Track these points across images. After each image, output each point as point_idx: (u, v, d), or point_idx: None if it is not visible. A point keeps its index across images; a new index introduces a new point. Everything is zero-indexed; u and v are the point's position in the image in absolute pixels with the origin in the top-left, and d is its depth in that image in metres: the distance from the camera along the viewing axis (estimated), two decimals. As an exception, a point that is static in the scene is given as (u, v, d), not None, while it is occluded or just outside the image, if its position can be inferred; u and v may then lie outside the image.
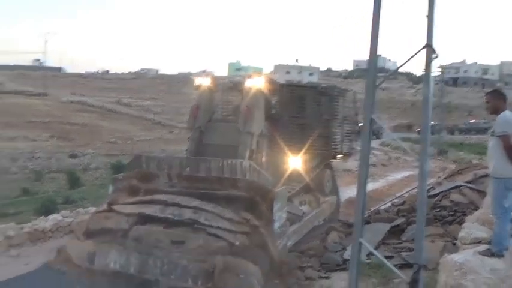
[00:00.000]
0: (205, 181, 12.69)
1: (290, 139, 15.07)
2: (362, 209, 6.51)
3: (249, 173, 12.44)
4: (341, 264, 12.54)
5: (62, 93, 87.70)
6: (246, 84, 14.60)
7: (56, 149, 52.69)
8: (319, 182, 16.55)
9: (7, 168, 45.37)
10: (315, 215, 15.40)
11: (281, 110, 15.76)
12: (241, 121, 13.85)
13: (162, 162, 13.66)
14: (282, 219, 12.34)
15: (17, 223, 15.37)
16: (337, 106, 16.84)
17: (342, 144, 17.20)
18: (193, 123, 15.05)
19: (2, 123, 60.94)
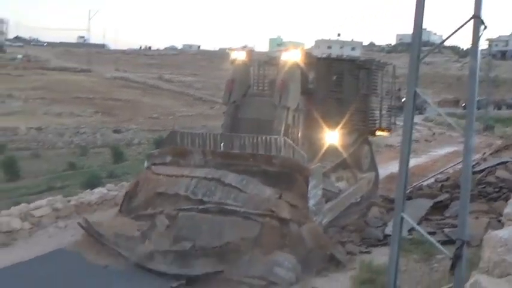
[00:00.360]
0: (240, 158, 12.62)
1: (327, 114, 14.72)
2: (404, 183, 6.42)
3: (283, 149, 12.28)
4: (382, 239, 12.50)
5: (105, 70, 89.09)
6: (281, 57, 14.32)
7: (100, 125, 53.79)
8: (357, 158, 16.16)
9: (54, 143, 46.73)
10: (351, 192, 15.07)
11: (318, 84, 15.39)
12: (276, 95, 13.62)
13: (196, 138, 13.61)
14: (317, 196, 12.21)
15: (64, 196, 15.84)
16: (376, 80, 16.35)
17: (381, 120, 16.69)
18: (228, 98, 14.85)
19: (49, 99, 62.53)
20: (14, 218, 13.22)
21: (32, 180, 31.71)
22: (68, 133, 49.52)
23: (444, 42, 7.89)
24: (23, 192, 27.37)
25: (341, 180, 15.05)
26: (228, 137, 13.24)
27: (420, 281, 9.97)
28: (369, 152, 17.28)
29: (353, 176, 15.76)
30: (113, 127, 53.38)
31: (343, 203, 14.35)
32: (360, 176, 16.05)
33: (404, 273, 10.27)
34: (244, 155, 12.56)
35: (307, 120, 14.68)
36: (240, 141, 12.75)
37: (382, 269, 10.11)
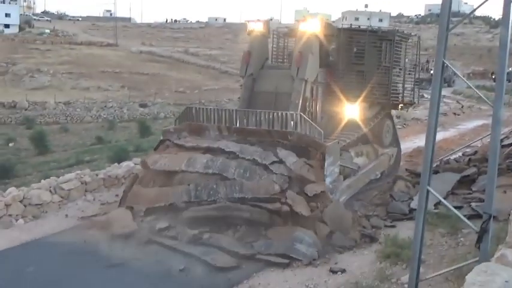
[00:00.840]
0: (255, 134, 12.55)
1: (347, 87, 14.45)
2: (430, 157, 6.37)
3: (300, 125, 12.12)
4: (407, 213, 12.49)
5: (131, 44, 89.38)
6: (300, 28, 13.92)
7: (126, 99, 54.16)
8: (378, 132, 15.71)
9: (82, 117, 47.29)
10: (371, 168, 14.74)
11: (338, 56, 15.00)
12: (293, 67, 13.38)
13: (211, 114, 13.50)
14: (335, 174, 12.10)
15: (92, 170, 16.11)
16: (399, 52, 15.72)
17: (404, 93, 16.11)
18: (245, 71, 14.58)
19: (77, 74, 63.13)
20: (44, 191, 13.54)
21: (61, 154, 32.20)
22: (95, 107, 50.03)
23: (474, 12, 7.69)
24: (52, 166, 27.84)
25: (361, 155, 14.69)
26: (243, 113, 13.07)
27: (445, 255, 9.94)
28: (391, 126, 16.74)
29: (373, 151, 15.39)
30: (139, 101, 53.73)
31: (363, 179, 14.08)
32: (381, 151, 15.65)
33: (429, 248, 10.25)
34: (260, 131, 12.47)
35: (326, 93, 14.46)
36: (255, 117, 12.61)
37: (407, 243, 10.10)
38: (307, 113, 13.35)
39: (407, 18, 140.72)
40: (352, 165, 13.54)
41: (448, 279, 8.60)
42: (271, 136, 12.35)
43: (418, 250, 6.55)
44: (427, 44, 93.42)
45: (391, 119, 16.87)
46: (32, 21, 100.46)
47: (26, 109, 47.57)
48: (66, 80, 60.75)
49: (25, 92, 52.49)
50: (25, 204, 13.13)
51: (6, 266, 10.34)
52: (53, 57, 70.50)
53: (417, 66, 17.08)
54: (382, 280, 9.41)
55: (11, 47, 72.88)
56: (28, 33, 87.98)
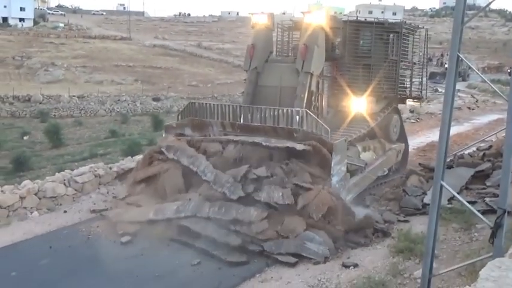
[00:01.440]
0: (260, 130, 12.25)
1: (354, 81, 14.18)
2: (444, 151, 6.32)
3: (305, 122, 11.81)
4: (421, 208, 12.44)
5: (145, 37, 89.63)
6: (305, 20, 13.52)
7: (140, 93, 54.29)
8: (385, 127, 15.36)
9: (96, 110, 47.52)
10: (379, 164, 14.41)
11: (344, 49, 14.57)
12: (299, 60, 13.11)
13: (215, 110, 13.22)
14: (341, 173, 11.77)
15: (106, 163, 16.21)
16: (407, 45, 15.38)
17: (412, 87, 15.76)
18: (249, 64, 14.38)
19: (90, 68, 63.39)
20: (59, 184, 13.67)
21: (75, 147, 32.41)
22: (109, 101, 50.20)
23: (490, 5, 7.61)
24: (67, 159, 28.05)
25: (368, 150, 14.35)
26: (247, 109, 12.72)
27: (459, 250, 9.90)
28: (398, 121, 16.28)
29: (381, 146, 15.03)
30: (153, 95, 53.84)
31: (370, 177, 13.79)
32: (388, 146, 15.28)
33: (442, 243, 10.20)
34: (264, 127, 12.17)
35: (332, 87, 14.20)
36: (260, 114, 12.33)
37: (420, 238, 10.07)
38: (313, 107, 13.16)
39: (422, 12, 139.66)
40: (359, 163, 13.21)
41: (461, 274, 8.57)
42: (276, 133, 12.05)
43: (432, 245, 6.52)
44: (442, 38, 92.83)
45: (398, 113, 16.45)
46: (46, 15, 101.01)
47: (40, 102, 47.83)
48: (80, 74, 61.00)
49: (39, 86, 52.79)
50: (40, 197, 13.28)
51: (21, 258, 10.45)
52: (67, 51, 70.82)
53: (426, 60, 16.63)
54: (395, 275, 9.39)
55: (25, 41, 73.35)
56: (42, 27, 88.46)
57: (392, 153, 15.37)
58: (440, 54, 70.65)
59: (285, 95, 13.15)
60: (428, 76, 16.65)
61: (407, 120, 27.96)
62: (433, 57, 70.59)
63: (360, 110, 13.95)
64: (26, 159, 26.86)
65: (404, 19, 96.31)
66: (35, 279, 9.72)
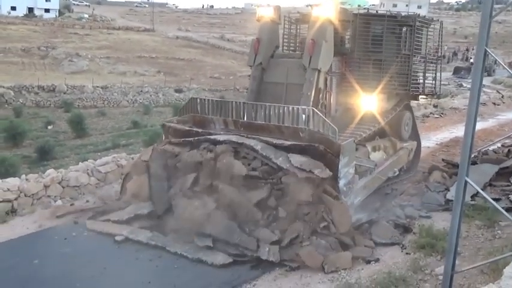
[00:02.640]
0: (264, 129, 11.48)
1: (364, 77, 13.30)
2: (469, 147, 6.23)
3: (312, 121, 10.97)
4: (443, 204, 12.29)
5: (168, 29, 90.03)
6: (313, 13, 12.53)
7: (162, 84, 54.60)
8: (397, 125, 14.46)
9: (119, 101, 47.98)
10: (389, 165, 13.52)
11: (354, 43, 13.63)
12: (306, 56, 12.17)
13: (217, 106, 12.45)
14: (349, 175, 10.96)
15: (128, 153, 16.32)
16: (420, 39, 14.23)
17: (425, 83, 14.79)
18: (253, 60, 13.36)
19: (114, 58, 63.95)
20: (82, 173, 13.80)
21: (97, 138, 32.78)
22: (131, 92, 50.61)
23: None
24: (89, 149, 28.41)
25: (378, 150, 13.56)
26: (251, 106, 11.96)
27: (481, 248, 9.77)
28: (410, 119, 15.35)
29: (392, 145, 14.14)
30: (175, 86, 54.13)
31: (379, 178, 12.93)
32: (399, 145, 14.41)
33: (465, 239, 10.10)
34: (269, 126, 11.45)
35: (341, 84, 13.36)
36: (264, 111, 11.57)
37: (442, 234, 9.98)
38: (320, 105, 12.38)
39: (448, 5, 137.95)
40: (368, 164, 12.30)
41: (483, 272, 8.48)
42: (281, 132, 11.27)
43: (455, 241, 6.45)
44: (467, 32, 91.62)
45: (410, 110, 15.51)
46: (71, 6, 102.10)
47: (64, 93, 48.37)
48: (104, 65, 61.58)
49: (64, 76, 53.39)
50: (63, 186, 13.42)
51: (44, 246, 10.58)
52: (91, 42, 71.51)
53: (440, 54, 15.77)
54: (416, 271, 9.32)
55: (50, 32, 74.20)
56: (67, 18, 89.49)
57: (404, 153, 14.57)
58: (466, 48, 69.64)
59: (291, 93, 12.41)
60: (453, 71, 16.19)
61: (430, 115, 27.66)
62: (458, 51, 69.66)
63: (370, 108, 13.17)
64: (50, 149, 27.27)
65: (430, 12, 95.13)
66: (56, 267, 9.82)
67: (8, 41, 65.16)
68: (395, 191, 14.14)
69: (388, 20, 13.60)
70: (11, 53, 61.17)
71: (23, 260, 9.94)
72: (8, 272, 9.51)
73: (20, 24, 76.38)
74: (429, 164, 15.81)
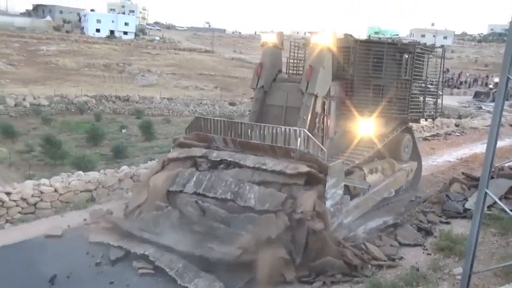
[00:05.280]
0: (259, 148, 10.64)
1: (363, 101, 12.35)
2: (490, 162, 6.11)
3: (303, 142, 10.11)
4: (461, 212, 12.04)
5: (225, 51, 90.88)
6: (311, 40, 11.68)
7: (218, 98, 55.11)
8: (396, 147, 13.65)
9: (181, 111, 48.65)
10: (384, 186, 12.63)
11: (355, 69, 12.59)
12: (303, 81, 11.37)
13: (218, 125, 11.65)
14: (337, 196, 9.99)
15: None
16: (421, 65, 13.18)
17: (425, 107, 13.67)
18: (256, 83, 12.64)
19: (179, 75, 64.99)
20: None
21: (163, 141, 33.27)
22: (192, 103, 51.22)
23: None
24: (156, 150, 28.87)
25: (375, 172, 12.63)
26: (248, 126, 11.20)
27: (495, 253, 9.52)
28: (410, 141, 14.42)
29: (390, 167, 13.32)
30: (229, 100, 54.52)
31: (373, 198, 12.07)
32: (398, 166, 13.55)
33: (481, 244, 9.84)
34: (263, 146, 10.61)
35: (341, 108, 12.39)
36: (259, 131, 10.80)
37: (460, 239, 9.79)
38: (317, 128, 11.49)
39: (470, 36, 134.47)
40: (362, 185, 11.40)
41: (496, 274, 8.29)
42: (274, 152, 10.44)
43: (474, 244, 6.31)
44: (487, 61, 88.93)
45: (410, 133, 14.56)
46: (145, 29, 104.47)
47: (137, 102, 49.34)
48: (170, 80, 62.60)
49: (137, 88, 54.63)
50: (134, 180, 13.77)
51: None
52: (161, 60, 72.89)
53: (441, 79, 14.59)
54: (435, 270, 9.14)
55: (127, 51, 76.07)
56: (142, 39, 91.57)
57: (402, 174, 13.63)
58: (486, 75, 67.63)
59: (290, 115, 11.60)
60: (473, 95, 15.50)
61: (452, 133, 27.12)
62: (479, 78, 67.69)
63: (369, 132, 12.32)
64: (123, 149, 27.91)
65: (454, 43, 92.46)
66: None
67: (92, 58, 67.17)
68: (419, 198, 13.93)
69: (388, 46, 12.71)
70: (95, 68, 62.99)
71: None
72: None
73: (102, 44, 78.62)
74: (450, 176, 15.48)
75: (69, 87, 50.37)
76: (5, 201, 11.41)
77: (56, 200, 12.32)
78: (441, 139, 25.11)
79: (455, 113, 41.12)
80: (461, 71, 73.29)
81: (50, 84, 50.37)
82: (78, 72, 59.68)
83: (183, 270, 8.69)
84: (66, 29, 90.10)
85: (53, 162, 25.20)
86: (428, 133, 25.84)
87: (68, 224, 11.12)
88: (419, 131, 25.44)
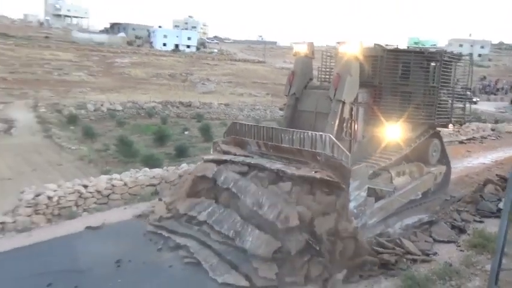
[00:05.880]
0: (289, 151, 10.35)
1: (391, 108, 11.81)
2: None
3: (329, 147, 9.68)
4: (495, 212, 11.51)
5: (276, 61, 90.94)
6: (339, 50, 11.31)
7: (270, 103, 55.26)
8: (424, 151, 12.95)
9: (236, 115, 49.15)
10: (411, 188, 11.99)
11: (384, 76, 12.11)
12: (331, 88, 11.04)
13: (252, 130, 11.35)
14: (361, 198, 9.52)
15: (242, 155, 16.63)
16: (448, 72, 12.44)
17: (452, 113, 12.88)
18: (288, 90, 12.42)
19: (235, 83, 65.72)
20: (207, 168, 14.26)
21: (220, 142, 33.75)
22: (246, 109, 51.72)
23: None
24: (214, 150, 29.25)
25: (402, 175, 12.03)
26: (278, 131, 10.83)
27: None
28: (437, 145, 13.62)
29: (418, 170, 12.69)
30: (279, 106, 54.51)
31: (399, 200, 11.44)
32: (426, 170, 12.85)
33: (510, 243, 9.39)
34: (292, 149, 10.29)
35: (369, 113, 11.91)
36: (288, 136, 10.47)
37: (493, 237, 9.35)
38: (345, 133, 11.07)
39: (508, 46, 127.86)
40: (386, 187, 10.85)
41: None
42: (301, 155, 10.08)
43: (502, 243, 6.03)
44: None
45: (439, 137, 13.70)
46: (205, 43, 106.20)
47: (197, 107, 50.33)
48: (227, 87, 63.43)
49: (197, 95, 55.69)
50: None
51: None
52: (219, 70, 73.94)
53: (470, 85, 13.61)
54: (468, 266, 8.79)
55: (190, 62, 77.68)
56: (202, 52, 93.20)
57: (429, 177, 12.89)
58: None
59: (320, 120, 11.25)
60: (510, 101, 14.44)
61: (488, 137, 25.99)
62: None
63: (396, 137, 11.74)
64: (185, 149, 28.52)
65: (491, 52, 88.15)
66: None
67: (159, 68, 69.04)
68: (454, 198, 13.42)
69: (415, 55, 12.10)
70: (162, 77, 64.74)
71: None
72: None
73: (168, 56, 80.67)
74: (485, 177, 14.81)
75: (140, 95, 52.01)
76: (82, 192, 11.94)
77: (125, 192, 12.75)
78: (477, 142, 24.11)
79: (491, 118, 39.34)
80: (498, 79, 69.94)
81: (124, 92, 52.22)
82: (148, 81, 61.52)
83: (216, 265, 8.68)
84: (137, 44, 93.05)
85: (125, 159, 26.15)
86: (464, 137, 24.84)
87: (133, 213, 11.43)
88: (455, 135, 24.51)
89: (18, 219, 10.74)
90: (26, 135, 32.45)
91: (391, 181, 11.33)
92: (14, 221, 10.68)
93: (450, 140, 23.56)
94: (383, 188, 10.67)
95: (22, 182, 19.54)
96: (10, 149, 28.33)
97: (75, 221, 11.08)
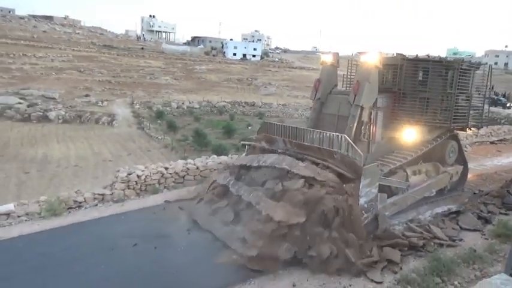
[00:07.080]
0: (310, 149, 9.96)
1: (409, 112, 11.19)
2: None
3: (344, 146, 9.30)
4: (520, 206, 10.67)
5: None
6: (360, 59, 10.81)
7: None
8: (441, 152, 12.18)
9: (292, 114, 48.85)
10: (426, 186, 11.25)
11: (403, 83, 11.47)
12: (351, 94, 10.52)
13: (279, 129, 11.07)
14: (371, 194, 9.04)
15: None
16: (466, 80, 11.63)
17: (469, 118, 12.05)
18: (314, 95, 11.92)
19: (291, 87, 65.20)
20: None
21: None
22: (300, 109, 51.12)
23: None
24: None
25: (418, 173, 11.36)
26: (301, 130, 10.50)
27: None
28: (455, 147, 12.73)
29: (434, 169, 11.94)
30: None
31: (412, 197, 10.77)
32: (442, 169, 12.08)
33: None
34: (313, 147, 9.92)
35: (388, 117, 11.27)
36: (310, 135, 10.19)
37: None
38: (363, 135, 10.45)
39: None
40: (400, 184, 10.22)
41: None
42: (321, 153, 9.70)
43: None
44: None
45: (456, 140, 12.79)
46: (268, 53, 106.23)
47: (259, 107, 50.52)
48: (285, 91, 63.05)
49: (260, 97, 55.85)
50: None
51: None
52: (278, 76, 73.72)
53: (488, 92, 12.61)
54: (491, 252, 8.26)
55: (255, 69, 78.08)
56: (266, 60, 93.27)
57: (445, 176, 12.09)
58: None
59: (341, 123, 10.72)
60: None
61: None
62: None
63: (413, 138, 11.15)
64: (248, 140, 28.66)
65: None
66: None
67: (230, 74, 70.04)
68: (482, 191, 12.58)
69: (433, 63, 11.32)
70: (231, 81, 65.63)
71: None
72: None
73: (237, 64, 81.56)
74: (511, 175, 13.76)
75: (213, 96, 53.13)
76: (164, 173, 12.46)
77: (197, 174, 13.14)
78: (507, 143, 22.32)
79: (524, 122, 36.13)
80: (533, 86, 64.03)
81: (200, 93, 53.55)
82: (219, 85, 62.66)
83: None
84: (213, 54, 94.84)
85: (199, 148, 26.90)
86: (495, 138, 23.10)
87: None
88: (487, 136, 22.85)
89: (114, 192, 11.45)
90: (124, 126, 34.31)
91: (407, 179, 10.71)
92: (112, 193, 11.40)
93: (482, 140, 22.03)
94: (396, 185, 10.11)
95: (119, 163, 20.76)
96: (112, 137, 30.14)
97: (157, 195, 11.64)
